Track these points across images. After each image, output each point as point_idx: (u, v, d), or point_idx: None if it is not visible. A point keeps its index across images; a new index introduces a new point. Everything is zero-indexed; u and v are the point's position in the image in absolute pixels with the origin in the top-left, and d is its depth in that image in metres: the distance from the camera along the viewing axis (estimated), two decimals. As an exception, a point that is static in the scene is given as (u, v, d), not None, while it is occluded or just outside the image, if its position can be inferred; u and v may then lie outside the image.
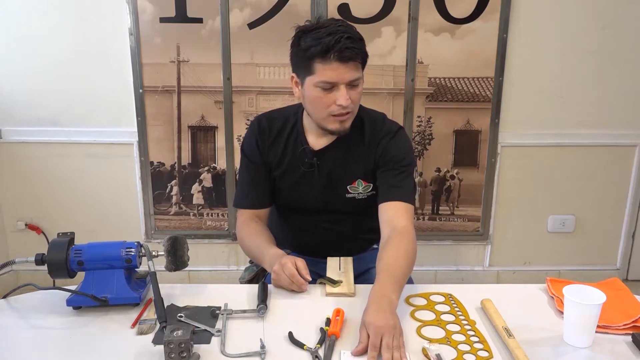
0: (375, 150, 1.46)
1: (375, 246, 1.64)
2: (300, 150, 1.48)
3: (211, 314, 1.19)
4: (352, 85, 1.34)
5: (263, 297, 1.22)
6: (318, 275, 1.37)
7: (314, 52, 1.30)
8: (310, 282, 1.35)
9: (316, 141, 1.48)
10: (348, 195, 1.48)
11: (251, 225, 1.51)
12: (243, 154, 1.56)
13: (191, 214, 2.62)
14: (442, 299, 1.28)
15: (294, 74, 1.42)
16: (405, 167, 1.45)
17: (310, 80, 1.35)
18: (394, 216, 1.38)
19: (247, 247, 1.51)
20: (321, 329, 1.13)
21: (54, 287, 1.23)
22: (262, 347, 1.06)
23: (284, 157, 1.50)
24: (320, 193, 1.49)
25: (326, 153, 1.47)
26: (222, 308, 1.21)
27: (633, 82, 2.48)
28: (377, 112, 1.54)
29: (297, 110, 1.52)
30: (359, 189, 1.48)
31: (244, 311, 1.20)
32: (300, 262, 1.30)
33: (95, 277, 1.22)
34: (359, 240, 1.60)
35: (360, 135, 1.47)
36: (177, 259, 1.26)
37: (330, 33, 1.29)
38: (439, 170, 2.57)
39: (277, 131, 1.51)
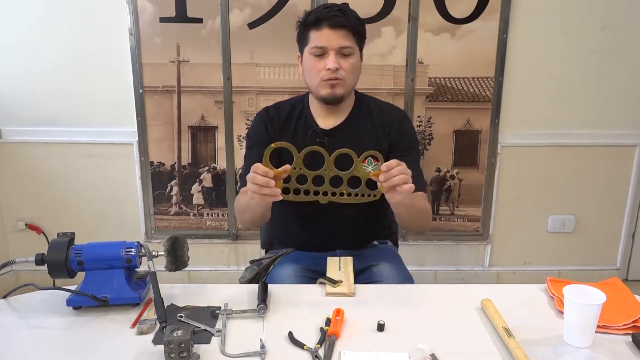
0: (389, 132, 1.54)
1: (375, 242, 1.66)
2: (311, 132, 1.52)
3: (211, 314, 1.19)
4: (343, 54, 1.44)
5: (263, 297, 1.22)
6: (319, 275, 1.37)
7: (309, 21, 1.45)
8: (310, 282, 1.36)
9: (325, 122, 1.54)
10: (358, 174, 1.50)
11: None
12: (249, 140, 1.60)
13: (191, 214, 2.62)
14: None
15: (299, 53, 1.53)
16: (416, 153, 1.59)
17: (306, 50, 1.47)
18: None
19: (240, 201, 1.49)
20: (321, 329, 1.13)
21: (54, 287, 1.23)
22: (262, 347, 1.06)
23: (294, 141, 1.52)
24: None
25: (337, 132, 1.53)
26: (222, 308, 1.21)
27: (633, 82, 2.48)
28: (378, 98, 1.65)
29: (302, 98, 1.59)
30: (369, 167, 1.50)
31: (244, 311, 1.20)
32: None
33: (95, 277, 1.22)
34: (361, 230, 1.61)
35: (369, 115, 1.56)
36: (177, 259, 1.26)
37: (327, 7, 1.45)
38: (439, 170, 2.57)
39: (285, 117, 1.56)
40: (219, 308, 1.21)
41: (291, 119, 1.56)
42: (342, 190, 1.28)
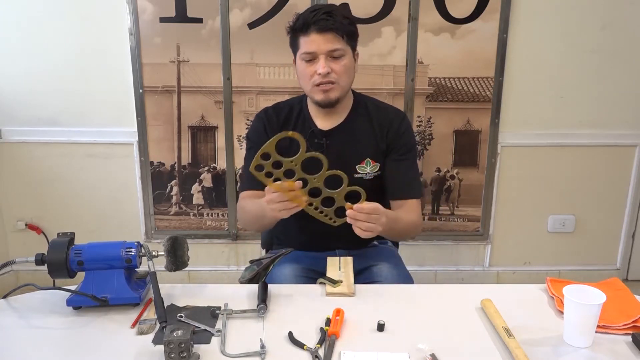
0: (387, 132, 1.54)
1: (375, 242, 1.66)
2: (310, 132, 1.52)
3: (211, 314, 1.19)
4: (333, 57, 1.43)
5: (263, 297, 1.22)
6: (319, 275, 1.37)
7: (297, 27, 1.45)
8: (310, 282, 1.36)
9: (323, 123, 1.54)
10: (356, 176, 1.52)
11: (251, 198, 1.51)
12: (249, 141, 1.60)
13: (191, 214, 2.62)
14: None
15: (293, 57, 1.52)
16: (413, 155, 1.57)
17: (298, 55, 1.47)
18: (406, 212, 1.51)
19: (248, 210, 1.50)
20: (321, 329, 1.13)
21: (54, 287, 1.23)
22: (262, 347, 1.06)
23: (292, 141, 1.51)
24: None
25: (335, 133, 1.53)
26: (222, 308, 1.21)
27: (633, 82, 2.48)
28: (377, 99, 1.64)
29: (301, 99, 1.59)
30: (367, 168, 1.52)
31: (244, 311, 1.20)
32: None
33: (95, 277, 1.22)
34: None
35: (367, 116, 1.55)
36: (177, 259, 1.26)
37: (314, 10, 1.43)
38: (439, 170, 2.57)
39: (284, 118, 1.56)
40: (219, 308, 1.21)
41: (290, 119, 1.56)
42: (312, 201, 1.28)
